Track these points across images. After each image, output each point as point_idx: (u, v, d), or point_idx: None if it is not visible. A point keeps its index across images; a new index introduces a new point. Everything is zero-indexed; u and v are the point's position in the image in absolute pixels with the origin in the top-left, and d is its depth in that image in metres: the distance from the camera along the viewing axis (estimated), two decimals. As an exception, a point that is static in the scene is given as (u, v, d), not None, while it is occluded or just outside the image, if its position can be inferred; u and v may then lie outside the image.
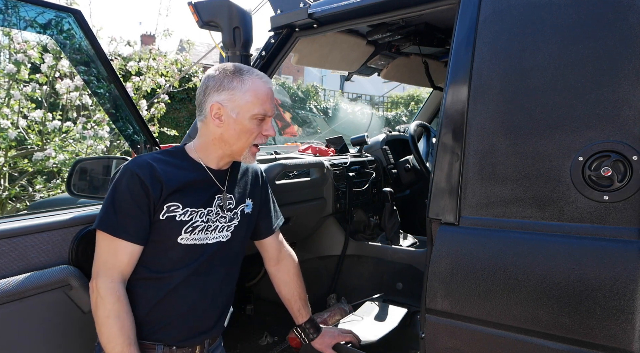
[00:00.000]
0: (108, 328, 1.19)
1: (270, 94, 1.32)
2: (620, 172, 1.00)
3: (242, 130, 1.29)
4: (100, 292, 1.21)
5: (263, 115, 1.30)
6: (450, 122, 1.22)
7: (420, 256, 2.18)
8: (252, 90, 1.28)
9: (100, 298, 1.20)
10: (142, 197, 1.23)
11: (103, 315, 1.20)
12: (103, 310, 1.20)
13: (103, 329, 1.20)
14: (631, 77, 0.99)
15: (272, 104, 1.32)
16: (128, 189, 1.24)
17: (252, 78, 1.30)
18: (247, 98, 1.27)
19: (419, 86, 3.84)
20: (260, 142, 1.33)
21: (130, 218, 1.23)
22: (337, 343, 1.60)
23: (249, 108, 1.28)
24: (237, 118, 1.28)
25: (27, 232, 1.24)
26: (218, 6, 1.67)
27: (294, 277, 1.61)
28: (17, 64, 3.43)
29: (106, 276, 1.22)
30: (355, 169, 2.52)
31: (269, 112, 1.31)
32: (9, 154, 3.62)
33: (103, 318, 1.20)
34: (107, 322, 1.20)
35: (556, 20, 1.09)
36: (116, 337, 1.19)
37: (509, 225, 1.11)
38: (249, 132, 1.30)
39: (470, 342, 1.14)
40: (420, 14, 1.51)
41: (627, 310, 0.94)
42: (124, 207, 1.23)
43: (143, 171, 1.25)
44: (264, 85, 1.31)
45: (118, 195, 1.24)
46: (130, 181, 1.24)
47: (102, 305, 1.20)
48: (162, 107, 4.56)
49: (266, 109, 1.30)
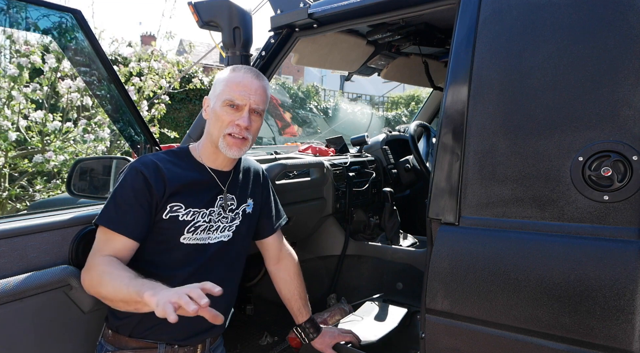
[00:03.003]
0: (108, 280, 1.14)
1: (243, 83, 1.32)
2: (620, 172, 1.00)
3: (216, 118, 1.32)
4: (89, 266, 1.20)
5: (231, 101, 1.30)
6: (450, 122, 1.22)
7: (420, 256, 2.18)
8: (225, 79, 1.34)
9: (90, 270, 1.19)
10: (144, 195, 1.25)
11: (99, 275, 1.16)
12: (97, 272, 1.17)
13: (104, 286, 1.14)
14: (631, 77, 0.99)
15: (245, 93, 1.31)
16: (131, 186, 1.25)
17: (234, 71, 1.35)
18: (221, 86, 1.33)
19: (419, 86, 3.84)
20: (231, 131, 1.31)
21: (130, 214, 1.24)
22: (337, 343, 1.61)
23: (220, 95, 1.32)
24: (213, 107, 1.34)
25: (27, 232, 1.24)
26: (218, 6, 1.67)
27: (294, 277, 1.61)
28: (19, 68, 3.43)
29: (95, 255, 1.22)
30: (355, 169, 2.52)
31: (236, 100, 1.30)
32: (9, 155, 3.62)
33: (99, 278, 1.16)
34: (104, 276, 1.15)
35: (556, 20, 1.09)
36: (120, 278, 1.12)
37: (509, 225, 1.11)
38: (221, 120, 1.31)
39: (470, 342, 1.14)
40: (420, 14, 1.51)
41: (627, 310, 0.94)
42: (125, 203, 1.24)
43: (148, 170, 1.27)
44: (239, 76, 1.33)
45: (120, 191, 1.26)
46: (135, 178, 1.26)
47: (94, 270, 1.18)
48: (162, 107, 4.55)
49: (234, 96, 1.30)
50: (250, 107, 1.32)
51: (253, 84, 1.33)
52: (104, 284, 1.15)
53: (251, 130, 1.33)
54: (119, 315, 1.30)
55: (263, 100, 1.35)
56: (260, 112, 1.35)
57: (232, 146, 1.32)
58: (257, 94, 1.33)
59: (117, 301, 1.15)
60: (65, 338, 1.33)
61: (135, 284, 1.08)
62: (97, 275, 1.17)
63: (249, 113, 1.32)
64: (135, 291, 1.06)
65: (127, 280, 1.11)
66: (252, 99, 1.31)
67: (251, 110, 1.32)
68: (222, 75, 1.36)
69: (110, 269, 1.16)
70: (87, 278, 1.21)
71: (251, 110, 1.32)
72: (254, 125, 1.34)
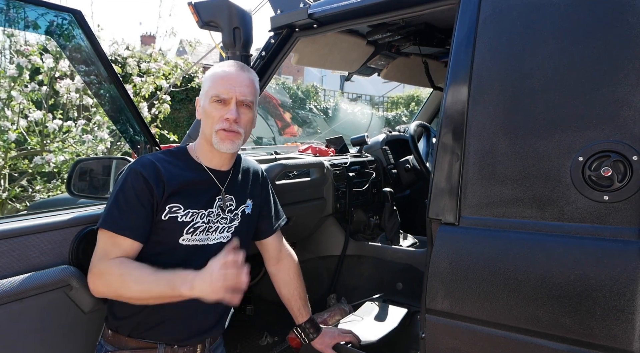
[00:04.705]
0: (131, 282, 1.18)
1: (227, 77, 1.31)
2: (620, 172, 1.00)
3: (206, 115, 1.33)
4: (102, 271, 1.20)
5: (216, 97, 1.30)
6: (450, 122, 1.22)
7: (420, 256, 2.18)
8: (211, 76, 1.34)
9: (105, 274, 1.20)
10: (146, 195, 1.25)
11: (118, 279, 1.18)
12: (114, 276, 1.19)
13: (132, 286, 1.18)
14: (631, 77, 0.99)
15: (229, 86, 1.30)
16: (132, 187, 1.25)
17: (217, 66, 1.36)
18: (208, 83, 1.34)
19: (419, 86, 3.84)
20: (222, 126, 1.30)
21: (133, 216, 1.24)
22: (337, 343, 1.60)
23: (207, 92, 1.33)
24: (203, 105, 1.35)
25: (28, 232, 1.24)
26: (218, 6, 1.68)
27: (294, 277, 1.61)
28: (19, 68, 3.43)
29: (103, 259, 1.22)
30: (355, 169, 2.52)
31: (222, 94, 1.29)
32: (9, 155, 3.62)
33: (120, 281, 1.18)
34: (126, 278, 1.18)
35: (556, 21, 1.09)
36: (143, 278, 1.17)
37: (509, 225, 1.11)
38: (211, 117, 1.31)
39: (470, 342, 1.14)
40: (420, 14, 1.51)
41: (627, 310, 0.94)
42: (127, 205, 1.24)
43: (147, 170, 1.26)
44: (223, 71, 1.33)
45: (122, 194, 1.25)
46: (135, 180, 1.25)
47: (110, 274, 1.19)
48: (166, 108, 4.50)
49: (219, 91, 1.30)
50: (237, 100, 1.30)
51: (238, 76, 1.32)
52: (127, 286, 1.18)
53: (241, 122, 1.31)
54: (119, 316, 1.30)
55: (251, 92, 1.33)
56: (249, 103, 1.33)
57: (224, 140, 1.30)
58: (243, 85, 1.31)
59: (145, 299, 1.20)
60: (65, 338, 1.33)
61: (163, 280, 1.17)
62: (116, 279, 1.19)
63: (237, 106, 1.30)
64: (168, 287, 1.15)
65: (152, 277, 1.18)
66: (237, 91, 1.30)
67: (239, 103, 1.31)
68: (208, 73, 1.36)
69: (128, 270, 1.19)
70: (101, 283, 1.21)
71: (239, 103, 1.31)
72: (243, 117, 1.32)
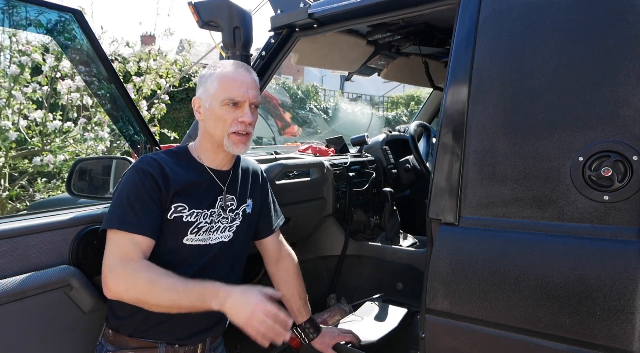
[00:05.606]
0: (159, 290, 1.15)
1: (239, 79, 1.31)
2: (620, 172, 1.00)
3: (217, 119, 1.31)
4: (129, 272, 1.17)
5: (230, 101, 1.30)
6: (450, 122, 1.22)
7: (420, 256, 2.18)
8: (219, 78, 1.31)
9: (132, 276, 1.16)
10: (155, 192, 1.25)
11: (148, 283, 1.16)
12: (144, 279, 1.16)
13: (161, 294, 1.15)
14: (631, 77, 0.99)
15: (243, 89, 1.30)
16: (142, 185, 1.24)
17: (222, 67, 1.33)
18: (215, 86, 1.31)
19: (419, 86, 3.84)
20: (236, 129, 1.31)
21: (148, 214, 1.23)
22: (337, 343, 1.60)
23: (217, 95, 1.30)
24: (210, 107, 1.32)
25: (28, 232, 1.24)
26: (218, 6, 1.68)
27: (293, 277, 1.61)
28: (20, 67, 3.43)
29: (127, 261, 1.19)
30: (355, 169, 2.52)
31: (236, 97, 1.30)
32: (9, 155, 3.62)
33: (149, 286, 1.16)
34: (156, 284, 1.16)
35: (556, 21, 1.09)
36: (172, 287, 1.15)
37: (509, 225, 1.11)
38: (223, 120, 1.30)
39: (470, 342, 1.14)
40: (420, 14, 1.51)
41: (627, 310, 0.94)
42: (140, 204, 1.23)
43: (153, 168, 1.26)
44: (232, 72, 1.32)
45: (134, 193, 1.24)
46: (143, 177, 1.25)
47: (139, 278, 1.16)
48: (162, 107, 4.54)
49: (233, 94, 1.30)
50: (250, 102, 1.32)
51: (248, 78, 1.33)
52: (157, 292, 1.16)
53: (253, 124, 1.34)
54: (120, 316, 1.29)
55: (258, 93, 1.36)
56: (258, 105, 1.37)
57: (238, 144, 1.32)
58: (253, 87, 1.34)
59: (168, 308, 1.18)
60: (65, 338, 1.33)
61: (194, 291, 1.16)
62: (145, 283, 1.16)
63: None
64: (198, 300, 1.15)
65: (183, 287, 1.16)
66: (250, 93, 1.32)
67: (250, 105, 1.33)
68: (211, 73, 1.34)
69: (157, 277, 1.17)
70: (127, 284, 1.17)
71: (250, 105, 1.33)
72: (254, 119, 1.35)
